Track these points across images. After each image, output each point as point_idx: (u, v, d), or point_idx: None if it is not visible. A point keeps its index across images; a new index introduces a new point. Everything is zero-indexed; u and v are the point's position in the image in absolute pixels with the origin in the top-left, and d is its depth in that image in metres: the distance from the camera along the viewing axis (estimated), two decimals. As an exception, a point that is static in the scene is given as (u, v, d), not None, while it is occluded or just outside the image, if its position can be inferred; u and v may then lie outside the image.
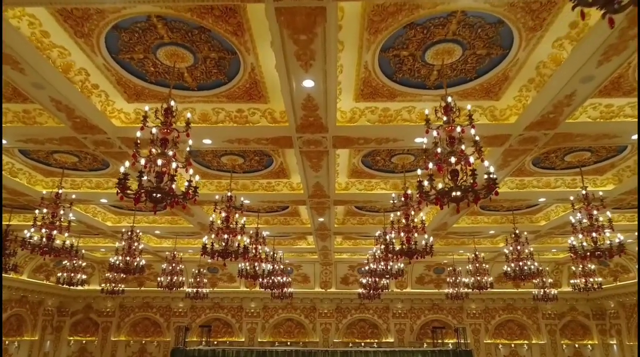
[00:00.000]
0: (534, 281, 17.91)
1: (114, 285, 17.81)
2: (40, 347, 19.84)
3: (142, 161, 5.15)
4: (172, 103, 5.53)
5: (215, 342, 20.94)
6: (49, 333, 20.50)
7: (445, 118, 5.37)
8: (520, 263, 11.64)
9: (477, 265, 15.00)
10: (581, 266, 14.54)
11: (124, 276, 17.75)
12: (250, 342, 20.86)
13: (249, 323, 21.18)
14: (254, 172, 9.97)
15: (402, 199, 8.54)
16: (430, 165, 5.38)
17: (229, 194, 8.73)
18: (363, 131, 7.29)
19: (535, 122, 6.92)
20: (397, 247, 8.67)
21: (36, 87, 6.03)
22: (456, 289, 17.42)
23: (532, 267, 11.79)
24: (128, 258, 11.89)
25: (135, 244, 12.10)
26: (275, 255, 14.87)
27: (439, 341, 20.16)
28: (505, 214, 13.23)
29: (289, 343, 20.74)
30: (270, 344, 20.78)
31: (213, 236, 8.37)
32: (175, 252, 15.62)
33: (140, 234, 12.67)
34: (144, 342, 21.23)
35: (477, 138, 5.22)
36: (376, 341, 20.88)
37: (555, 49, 5.62)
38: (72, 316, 21.51)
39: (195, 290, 17.82)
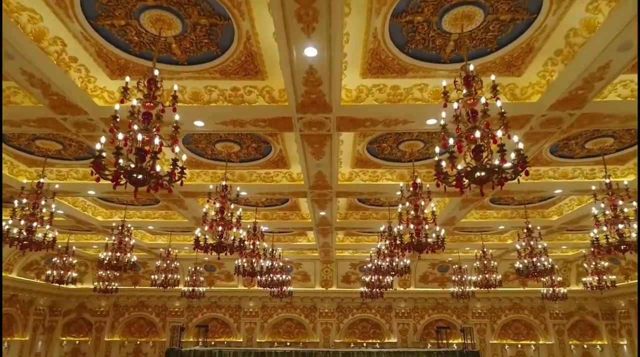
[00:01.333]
0: (542, 279, 17.43)
1: (107, 283, 17.21)
2: (32, 348, 19.17)
3: (120, 136, 4.47)
4: (156, 72, 4.87)
5: (213, 343, 20.30)
6: (41, 333, 19.83)
7: (465, 90, 4.68)
8: (534, 259, 10.99)
9: (485, 262, 14.35)
10: (594, 263, 13.92)
11: (117, 273, 17.41)
12: (248, 342, 20.22)
13: (247, 323, 20.53)
14: (251, 161, 9.32)
15: (411, 188, 7.92)
16: (451, 141, 4.67)
17: (223, 183, 8.08)
18: (370, 111, 6.58)
19: (561, 100, 6.17)
20: (406, 241, 8.04)
21: (6, 57, 5.36)
22: (462, 287, 16.81)
23: (546, 263, 11.16)
24: (118, 254, 11.23)
25: (127, 239, 11.44)
26: (274, 252, 14.24)
27: (444, 341, 19.52)
28: (516, 208, 12.59)
29: (288, 344, 20.10)
30: (269, 344, 20.14)
31: (206, 228, 7.71)
32: (170, 249, 14.96)
33: (132, 229, 12.02)
34: (138, 342, 20.58)
35: (503, 111, 4.55)
36: (378, 341, 20.25)
37: (590, 12, 4.97)
38: (64, 315, 20.84)
39: (191, 289, 17.20)
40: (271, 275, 14.32)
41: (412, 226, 7.67)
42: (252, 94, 6.54)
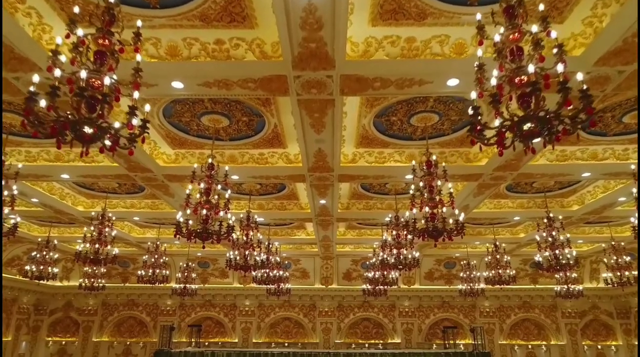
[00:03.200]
0: (556, 275, 16.42)
1: (93, 280, 16.18)
2: (15, 348, 18.12)
3: (58, 73, 3.40)
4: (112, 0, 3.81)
5: (207, 344, 19.25)
6: (25, 333, 18.77)
7: (508, 23, 3.64)
8: (556, 252, 9.95)
9: (498, 256, 13.31)
10: (615, 258, 12.89)
11: (103, 269, 16.36)
12: (244, 343, 19.17)
13: (242, 322, 19.49)
14: (242, 140, 8.29)
15: (425, 167, 6.90)
16: (493, 81, 3.63)
17: (210, 161, 7.04)
18: (380, 68, 5.61)
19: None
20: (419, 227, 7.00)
21: None
22: (470, 285, 15.77)
23: (569, 256, 10.12)
24: (97, 246, 10.17)
25: (107, 229, 10.37)
26: (270, 245, 13.19)
27: (451, 341, 18.47)
28: (533, 197, 11.55)
29: (286, 344, 19.08)
30: (266, 345, 19.11)
31: (189, 212, 6.67)
32: (158, 242, 13.91)
33: (114, 219, 10.97)
34: (128, 343, 19.52)
35: (561, 44, 3.46)
36: (381, 341, 19.22)
37: None
38: (50, 314, 19.78)
39: (183, 286, 16.16)
40: (267, 271, 13.26)
41: (426, 209, 6.63)
42: (240, 48, 5.50)
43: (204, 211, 6.60)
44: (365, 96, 6.44)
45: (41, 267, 13.47)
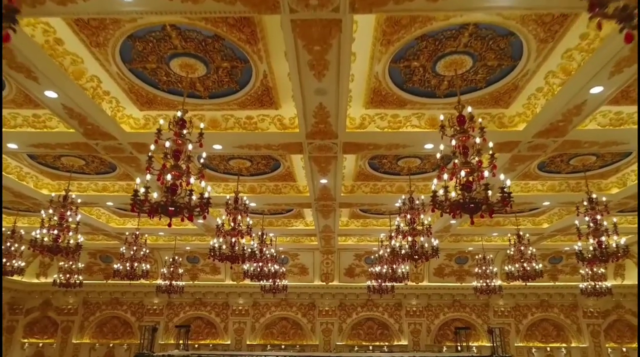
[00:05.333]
0: (581, 272, 14.89)
1: (69, 276, 14.60)
2: (-14, 351, 16.55)
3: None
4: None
5: (197, 346, 17.66)
6: (-2, 335, 17.19)
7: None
8: (603, 238, 8.37)
9: (522, 248, 11.73)
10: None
11: (80, 263, 14.79)
12: (237, 345, 17.58)
13: (236, 323, 17.89)
14: (224, 97, 6.73)
15: (457, 123, 5.36)
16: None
17: (179, 114, 5.47)
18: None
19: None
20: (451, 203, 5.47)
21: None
22: (487, 281, 14.19)
23: (615, 244, 8.56)
24: (57, 233, 8.58)
25: (69, 212, 8.78)
26: (264, 236, 11.62)
27: (463, 344, 16.87)
28: (567, 177, 9.98)
29: (283, 346, 17.50)
30: (261, 347, 17.53)
31: (149, 177, 5.11)
32: (137, 232, 12.30)
33: (80, 202, 9.38)
34: (111, 345, 17.92)
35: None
36: (386, 343, 17.65)
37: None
38: (26, 314, 18.17)
39: (168, 282, 14.59)
40: (260, 264, 11.68)
41: (462, 174, 5.08)
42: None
43: (169, 176, 5.00)
44: (381, 29, 5.03)
45: (5, 260, 11.88)
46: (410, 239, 8.37)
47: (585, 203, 8.68)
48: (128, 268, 12.10)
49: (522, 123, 6.96)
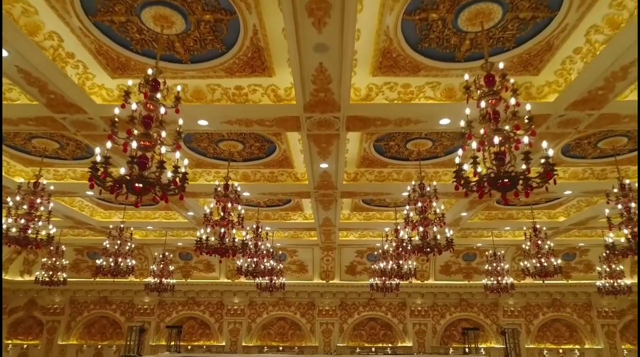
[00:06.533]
0: (598, 268, 14.01)
1: (52, 273, 13.67)
2: (-34, 353, 15.62)
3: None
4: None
5: (190, 347, 16.74)
6: (-21, 336, 16.26)
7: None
8: (635, 229, 7.44)
9: (540, 242, 10.80)
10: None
11: (64, 260, 13.88)
12: (232, 346, 16.65)
13: (231, 323, 16.95)
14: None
15: (485, 82, 4.42)
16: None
17: (150, 72, 4.52)
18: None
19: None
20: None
21: None
22: (498, 278, 13.29)
23: (651, 236, 7.61)
24: (24, 222, 7.64)
25: (39, 200, 7.85)
26: (259, 229, 10.71)
27: (472, 345, 15.94)
28: (593, 163, 9.04)
29: (281, 348, 16.59)
30: (258, 349, 16.60)
31: (109, 145, 4.15)
32: (122, 225, 11.36)
33: (52, 188, 8.44)
34: (99, 346, 16.98)
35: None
36: (390, 345, 16.73)
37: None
38: (10, 314, 17.20)
39: (158, 280, 13.67)
40: (255, 260, 10.74)
41: (496, 140, 4.15)
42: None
43: (134, 144, 4.06)
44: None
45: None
46: (421, 229, 7.45)
47: (615, 190, 7.76)
48: (112, 264, 11.17)
49: (552, 94, 6.03)
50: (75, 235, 15.41)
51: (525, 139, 4.06)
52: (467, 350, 15.94)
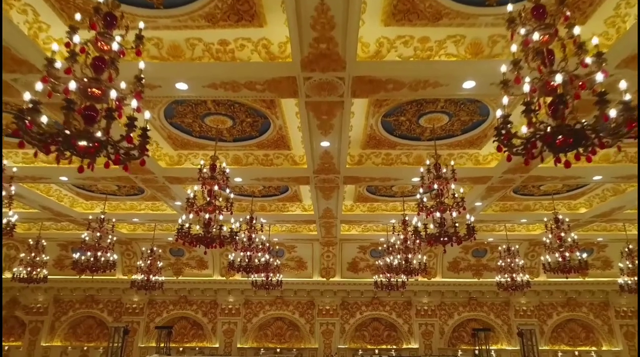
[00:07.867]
0: (619, 265, 13.00)
1: (30, 269, 12.68)
2: (-58, 355, 14.61)
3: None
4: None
5: (182, 349, 15.75)
6: (-43, 337, 15.25)
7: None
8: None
9: (563, 234, 9.78)
10: None
11: (44, 255, 12.90)
12: (226, 348, 15.65)
13: (225, 323, 15.94)
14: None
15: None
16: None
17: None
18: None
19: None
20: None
21: None
22: (512, 275, 12.30)
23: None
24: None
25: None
26: (254, 220, 9.72)
27: (482, 347, 14.92)
28: (628, 143, 8.02)
29: (278, 350, 15.60)
30: (254, 351, 15.63)
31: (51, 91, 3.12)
32: (103, 216, 10.32)
33: (16, 170, 7.42)
34: (85, 348, 16.02)
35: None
36: (394, 347, 15.76)
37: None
38: (-10, 313, 16.20)
39: (146, 277, 12.65)
40: (249, 253, 9.72)
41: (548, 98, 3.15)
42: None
43: (72, 85, 3.03)
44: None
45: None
46: (437, 215, 6.43)
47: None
48: (91, 259, 10.15)
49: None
50: (59, 229, 14.37)
51: (599, 77, 3.04)
52: (477, 352, 14.95)
